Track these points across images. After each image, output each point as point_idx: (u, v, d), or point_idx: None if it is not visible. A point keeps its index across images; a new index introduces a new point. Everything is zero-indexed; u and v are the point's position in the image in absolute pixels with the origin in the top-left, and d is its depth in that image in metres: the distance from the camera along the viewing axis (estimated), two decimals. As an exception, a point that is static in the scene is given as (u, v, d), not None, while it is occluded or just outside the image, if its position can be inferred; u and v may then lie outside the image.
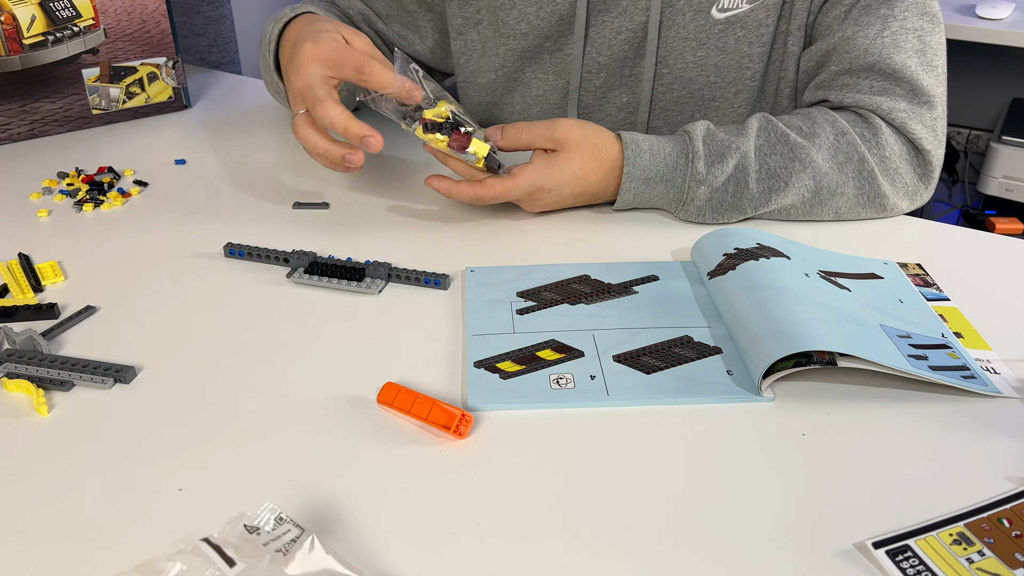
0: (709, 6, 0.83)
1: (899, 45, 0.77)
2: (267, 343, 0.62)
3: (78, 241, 0.77)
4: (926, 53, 0.77)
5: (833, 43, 0.79)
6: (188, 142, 0.98)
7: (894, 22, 0.77)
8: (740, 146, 0.75)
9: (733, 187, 0.75)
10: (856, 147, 0.76)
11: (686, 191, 0.76)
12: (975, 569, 0.44)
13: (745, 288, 0.63)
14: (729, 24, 0.83)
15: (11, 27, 0.93)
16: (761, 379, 0.56)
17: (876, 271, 0.69)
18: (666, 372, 0.58)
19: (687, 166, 0.76)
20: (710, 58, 0.85)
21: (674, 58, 0.86)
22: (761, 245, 0.68)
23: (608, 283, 0.68)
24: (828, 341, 0.55)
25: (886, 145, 0.76)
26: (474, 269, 0.71)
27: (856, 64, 0.78)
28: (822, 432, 0.54)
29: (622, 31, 0.86)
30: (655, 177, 0.76)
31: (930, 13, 0.78)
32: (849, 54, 0.78)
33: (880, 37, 0.77)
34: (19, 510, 0.48)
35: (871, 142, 0.76)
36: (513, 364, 0.59)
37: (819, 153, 0.75)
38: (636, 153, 0.76)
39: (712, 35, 0.84)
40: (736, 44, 0.84)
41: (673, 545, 0.46)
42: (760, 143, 0.76)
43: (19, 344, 0.61)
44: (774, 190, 0.75)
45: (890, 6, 0.78)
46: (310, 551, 0.42)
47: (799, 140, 0.75)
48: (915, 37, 0.77)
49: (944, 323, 0.63)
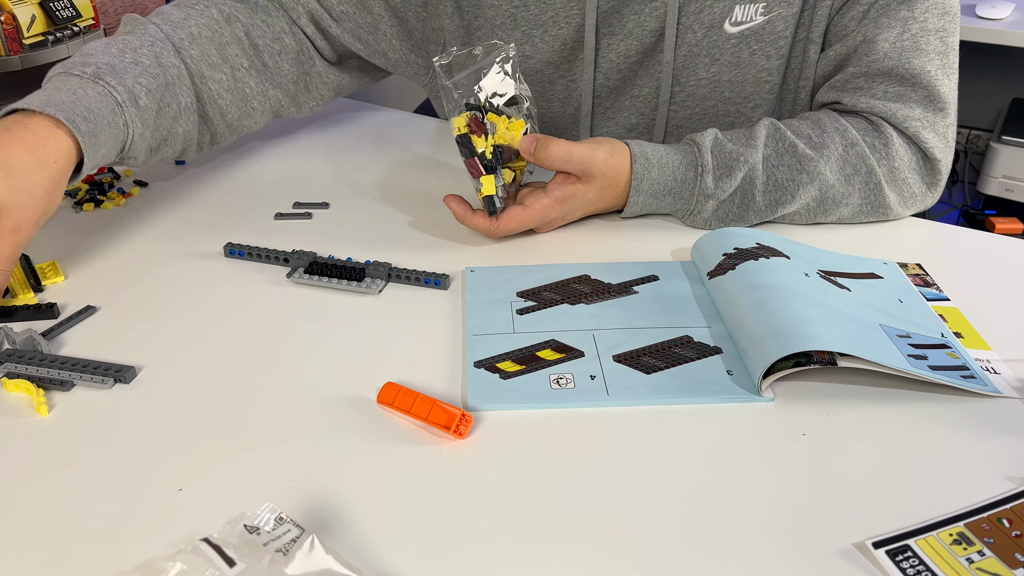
0: (721, 20, 0.81)
1: (920, 48, 0.75)
2: (267, 343, 0.62)
3: (78, 241, 0.77)
4: (948, 55, 0.76)
5: (852, 46, 0.78)
6: (188, 142, 0.98)
7: (914, 24, 0.76)
8: (748, 158, 0.74)
9: (739, 199, 0.75)
10: (865, 159, 0.75)
11: (694, 204, 0.76)
12: (975, 569, 0.44)
13: (745, 288, 0.63)
14: (743, 38, 0.81)
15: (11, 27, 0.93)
16: (761, 379, 0.56)
17: (876, 271, 0.69)
18: (666, 372, 0.58)
19: (696, 180, 0.75)
20: (724, 74, 0.83)
21: (686, 76, 0.84)
22: (761, 245, 0.68)
23: (608, 283, 0.68)
24: (828, 341, 0.55)
25: (896, 156, 0.75)
26: (474, 269, 0.71)
27: (873, 68, 0.77)
28: (822, 432, 0.54)
29: (631, 54, 0.85)
30: (663, 191, 0.76)
31: (951, 12, 0.77)
32: (867, 57, 0.77)
33: (900, 40, 0.76)
34: (19, 510, 0.48)
35: (881, 152, 0.75)
36: (513, 364, 0.59)
37: (827, 165, 0.74)
38: (645, 168, 0.75)
39: (725, 50, 0.82)
40: (751, 58, 0.82)
41: (673, 544, 0.46)
42: (768, 153, 0.75)
43: (19, 344, 0.61)
44: (780, 202, 0.75)
45: (910, 7, 0.76)
46: (310, 551, 0.42)
47: (807, 151, 0.75)
48: (937, 38, 0.76)
49: (944, 323, 0.63)
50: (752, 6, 0.80)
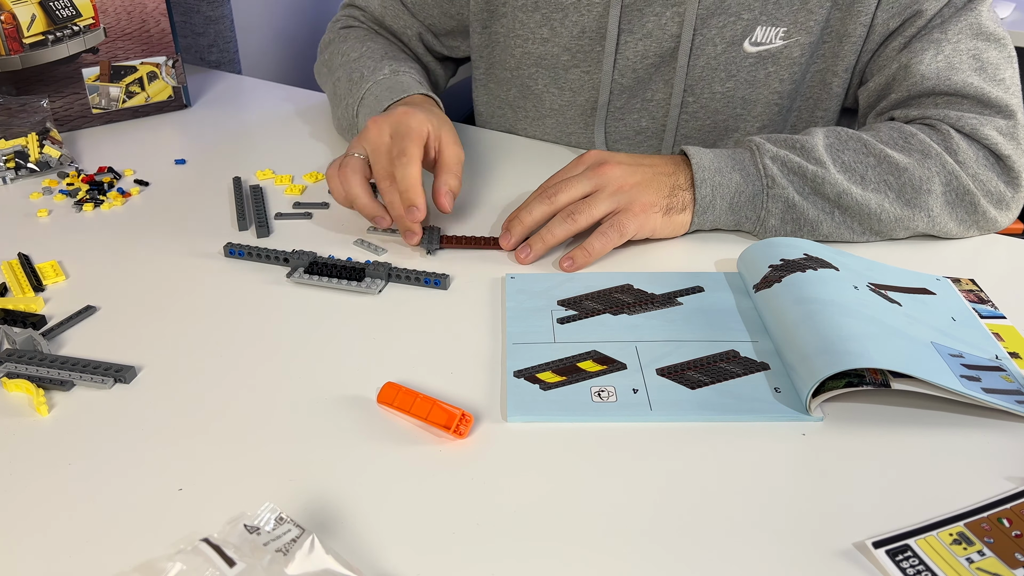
0: (742, 39, 0.81)
1: (955, 67, 0.75)
2: (267, 343, 0.62)
3: (78, 241, 0.77)
4: (986, 70, 0.75)
5: (891, 74, 0.78)
6: (188, 142, 0.98)
7: (947, 45, 0.75)
8: (808, 141, 0.72)
9: (811, 175, 0.71)
10: (930, 146, 0.72)
11: (761, 169, 0.72)
12: (975, 569, 0.44)
13: (792, 301, 0.61)
14: (760, 59, 0.82)
15: (11, 26, 0.93)
16: (811, 397, 0.54)
17: (928, 286, 0.66)
18: (712, 388, 0.57)
19: (754, 152, 0.73)
20: (738, 91, 0.84)
21: (701, 87, 0.85)
22: (808, 256, 0.66)
23: (651, 293, 0.67)
24: (878, 358, 0.53)
25: (959, 150, 0.72)
26: (514, 276, 0.70)
27: (915, 91, 0.76)
28: (822, 432, 0.54)
29: (648, 55, 0.85)
30: (726, 167, 0.73)
31: (985, 32, 0.76)
32: (907, 82, 0.76)
33: (935, 62, 0.75)
34: (19, 510, 0.48)
35: (942, 145, 0.73)
36: (554, 375, 0.58)
37: (894, 149, 0.72)
38: (698, 152, 0.74)
39: (743, 68, 0.83)
40: (766, 79, 0.83)
41: (672, 544, 0.46)
42: (830, 142, 0.73)
43: (19, 344, 0.61)
44: (852, 181, 0.71)
45: (943, 30, 0.75)
46: (310, 551, 0.42)
47: (870, 139, 0.73)
48: (970, 57, 0.75)
49: (999, 343, 0.61)
50: (773, 29, 0.80)
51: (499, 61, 0.95)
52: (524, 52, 0.91)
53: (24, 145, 0.89)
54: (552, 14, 0.87)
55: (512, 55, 0.92)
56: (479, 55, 0.97)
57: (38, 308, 0.66)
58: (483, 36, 0.95)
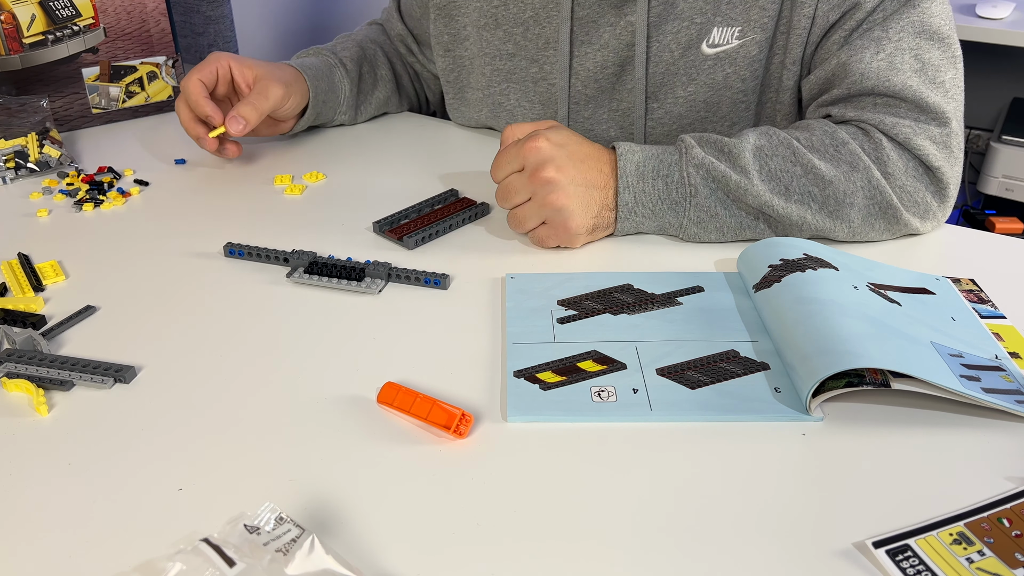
0: (698, 42, 0.82)
1: (895, 67, 0.74)
2: (267, 343, 0.62)
3: (78, 241, 0.77)
4: (927, 71, 0.74)
5: (831, 70, 0.77)
6: (188, 142, 0.98)
7: (889, 44, 0.74)
8: (736, 146, 0.72)
9: (734, 183, 0.72)
10: (859, 156, 0.72)
11: (685, 177, 0.72)
12: (975, 569, 0.44)
13: (792, 301, 0.61)
14: (719, 60, 0.82)
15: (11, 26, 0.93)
16: (811, 397, 0.54)
17: (928, 286, 0.66)
18: (712, 388, 0.57)
19: (681, 155, 0.73)
20: (700, 94, 0.84)
21: (664, 93, 0.85)
22: (808, 256, 0.66)
23: (651, 293, 0.67)
24: (878, 358, 0.53)
25: (888, 160, 0.72)
26: (514, 276, 0.70)
27: (855, 89, 0.75)
28: (822, 432, 0.54)
29: (608, 65, 0.86)
30: (651, 173, 0.73)
31: (929, 30, 0.74)
32: (847, 79, 0.76)
33: (875, 60, 0.74)
34: (19, 510, 0.48)
35: (872, 156, 0.73)
36: (554, 375, 0.58)
37: (822, 160, 0.72)
38: (628, 151, 0.73)
39: (702, 71, 0.83)
40: (726, 80, 0.83)
41: (671, 543, 0.46)
42: (761, 143, 0.73)
43: (19, 344, 0.61)
44: (775, 192, 0.72)
45: (885, 27, 0.75)
46: (310, 551, 0.42)
47: (800, 147, 0.72)
48: (912, 57, 0.74)
49: (999, 343, 0.60)
50: (729, 29, 0.81)
51: (468, 83, 0.96)
52: (494, 69, 0.92)
53: (24, 145, 0.90)
54: (513, 29, 0.89)
55: (483, 74, 0.93)
56: (447, 80, 0.99)
57: (38, 308, 0.66)
58: (447, 60, 0.97)
